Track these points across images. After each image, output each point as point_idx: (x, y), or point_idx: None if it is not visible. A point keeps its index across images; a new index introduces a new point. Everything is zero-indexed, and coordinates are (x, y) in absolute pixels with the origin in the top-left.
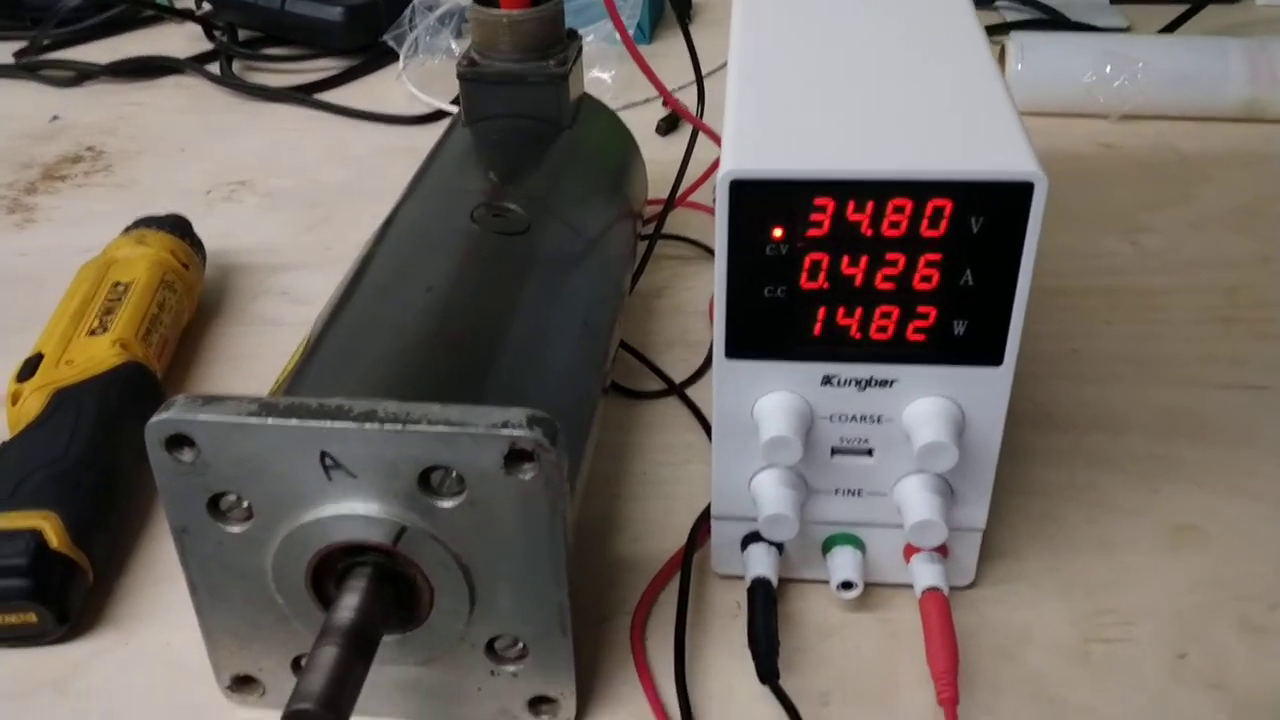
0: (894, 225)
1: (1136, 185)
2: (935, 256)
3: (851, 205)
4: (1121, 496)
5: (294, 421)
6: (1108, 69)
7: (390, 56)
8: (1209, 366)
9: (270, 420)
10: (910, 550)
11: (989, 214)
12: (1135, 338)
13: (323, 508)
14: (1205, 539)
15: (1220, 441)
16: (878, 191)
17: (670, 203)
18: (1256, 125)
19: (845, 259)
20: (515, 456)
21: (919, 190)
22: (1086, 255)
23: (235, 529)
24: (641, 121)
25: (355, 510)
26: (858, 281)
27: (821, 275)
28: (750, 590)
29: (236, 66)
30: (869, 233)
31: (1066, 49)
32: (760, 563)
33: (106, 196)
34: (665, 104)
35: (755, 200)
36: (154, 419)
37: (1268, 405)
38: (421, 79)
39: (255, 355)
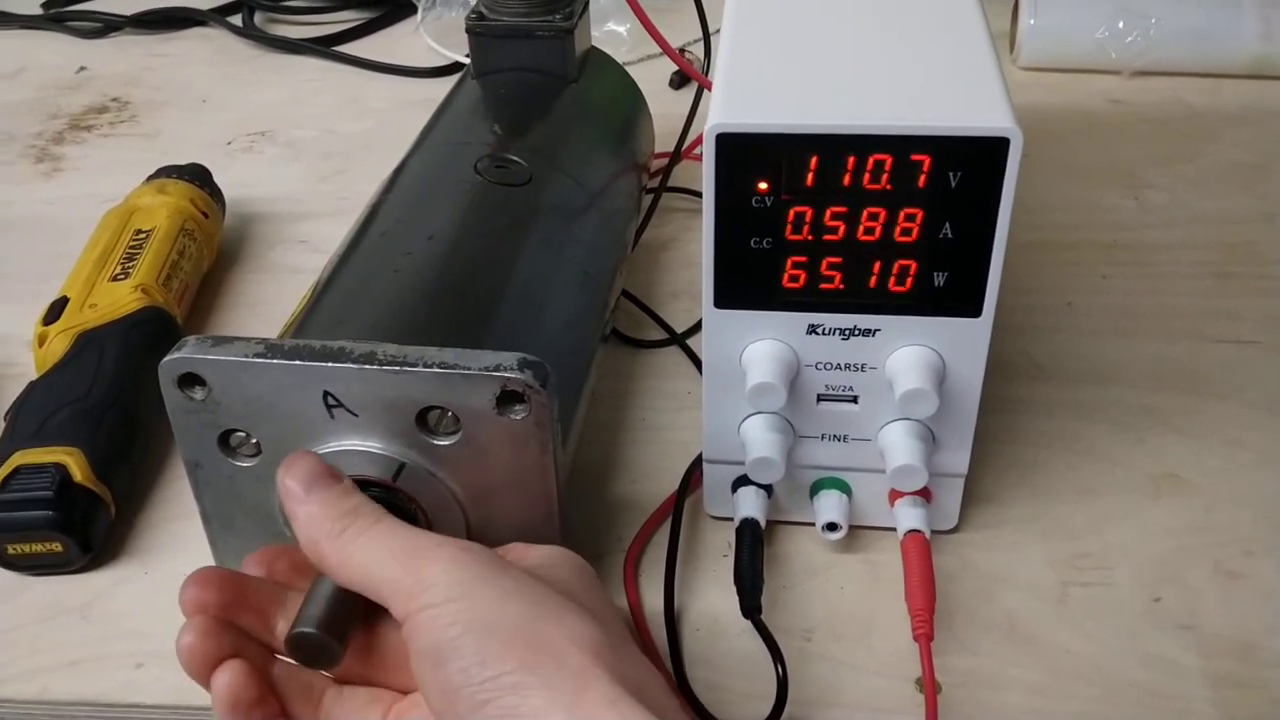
0: (875, 179)
1: (1144, 141)
2: (915, 210)
3: (833, 159)
4: (1108, 446)
5: (297, 362)
6: (1120, 24)
7: (409, 9)
8: (1203, 321)
9: (275, 360)
10: (894, 495)
11: (966, 168)
12: (1132, 292)
13: (326, 444)
14: (1187, 488)
15: (1209, 394)
16: (858, 146)
17: (676, 156)
18: (1269, 82)
19: (828, 212)
20: (507, 398)
21: (898, 145)
22: (1088, 210)
23: (245, 464)
24: (657, 75)
25: (356, 447)
26: (840, 234)
27: (805, 228)
28: (738, 530)
29: (259, 18)
30: (851, 186)
31: (1079, 4)
32: (749, 504)
33: (131, 146)
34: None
35: (740, 153)
36: (167, 358)
37: (1259, 360)
38: (439, 31)
39: (273, 301)
